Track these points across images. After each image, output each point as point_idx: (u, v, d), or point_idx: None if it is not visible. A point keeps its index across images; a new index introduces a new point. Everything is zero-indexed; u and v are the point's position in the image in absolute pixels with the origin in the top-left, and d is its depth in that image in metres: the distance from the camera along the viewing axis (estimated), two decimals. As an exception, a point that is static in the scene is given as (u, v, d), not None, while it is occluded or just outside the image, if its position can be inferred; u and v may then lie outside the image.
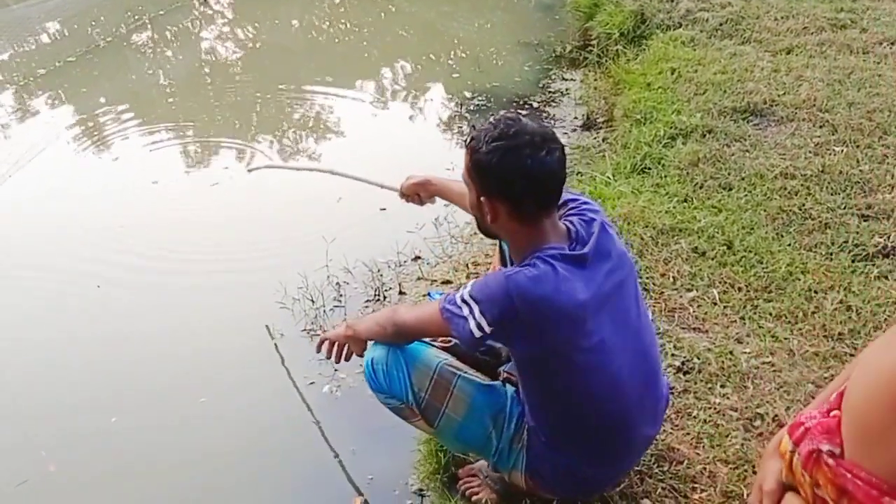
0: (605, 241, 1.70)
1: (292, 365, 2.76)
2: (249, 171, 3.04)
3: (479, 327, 1.61)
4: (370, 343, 1.92)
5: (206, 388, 2.70)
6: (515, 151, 1.59)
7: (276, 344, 2.88)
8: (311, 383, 2.68)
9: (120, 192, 4.03)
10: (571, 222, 1.71)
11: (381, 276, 3.17)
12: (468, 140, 1.68)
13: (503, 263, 2.06)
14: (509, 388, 1.90)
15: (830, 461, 0.98)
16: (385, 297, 3.06)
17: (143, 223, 3.70)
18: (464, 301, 1.64)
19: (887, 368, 0.94)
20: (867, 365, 1.01)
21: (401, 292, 3.09)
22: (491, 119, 1.68)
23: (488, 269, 2.37)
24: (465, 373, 1.88)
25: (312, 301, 3.02)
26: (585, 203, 1.77)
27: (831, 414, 1.03)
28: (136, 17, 6.58)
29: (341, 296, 3.09)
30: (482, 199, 1.67)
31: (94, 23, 6.62)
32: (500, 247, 2.10)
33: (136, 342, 2.92)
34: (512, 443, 1.84)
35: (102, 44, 6.04)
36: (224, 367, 2.80)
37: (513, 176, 1.60)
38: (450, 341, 1.97)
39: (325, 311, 3.00)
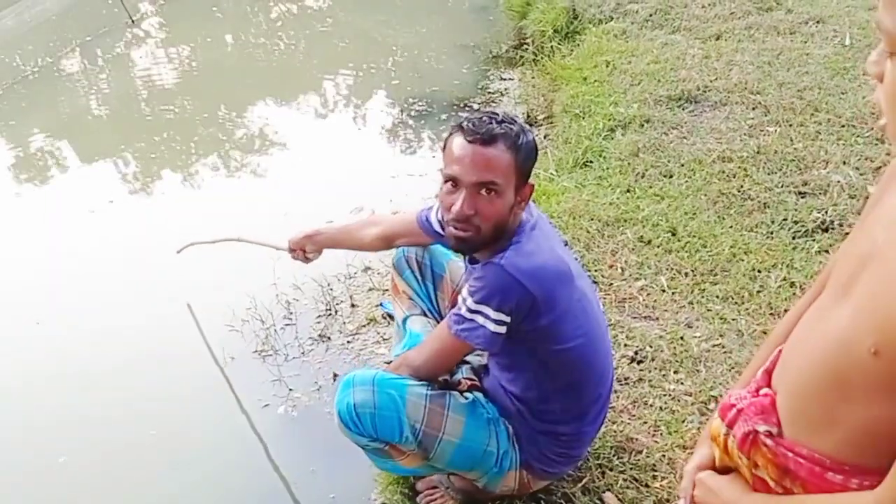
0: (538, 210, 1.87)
1: (246, 387, 2.70)
2: (178, 252, 3.02)
3: (500, 322, 1.68)
4: (340, 387, 1.81)
5: (156, 420, 2.62)
6: None
7: (205, 337, 2.93)
8: (266, 405, 2.63)
9: (56, 223, 3.91)
10: None
11: (332, 289, 3.13)
12: (511, 138, 1.66)
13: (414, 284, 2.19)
14: (479, 395, 1.91)
15: (769, 441, 0.97)
16: (336, 311, 3.02)
17: (81, 254, 3.59)
18: (473, 312, 1.68)
19: (820, 346, 0.93)
20: (798, 342, 1.00)
21: (352, 305, 3.06)
22: (484, 115, 1.70)
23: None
24: (451, 394, 1.87)
25: (262, 321, 2.97)
26: None
27: (761, 392, 1.02)
28: (65, 45, 6.42)
29: (291, 313, 3.04)
30: (525, 186, 1.72)
31: (20, 53, 6.45)
32: (399, 272, 2.20)
33: (80, 378, 2.83)
34: (508, 442, 1.87)
35: (31, 75, 5.88)
36: (174, 396, 2.73)
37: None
38: None
39: (275, 330, 2.95)
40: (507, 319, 1.67)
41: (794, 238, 2.90)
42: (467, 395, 1.91)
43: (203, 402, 2.72)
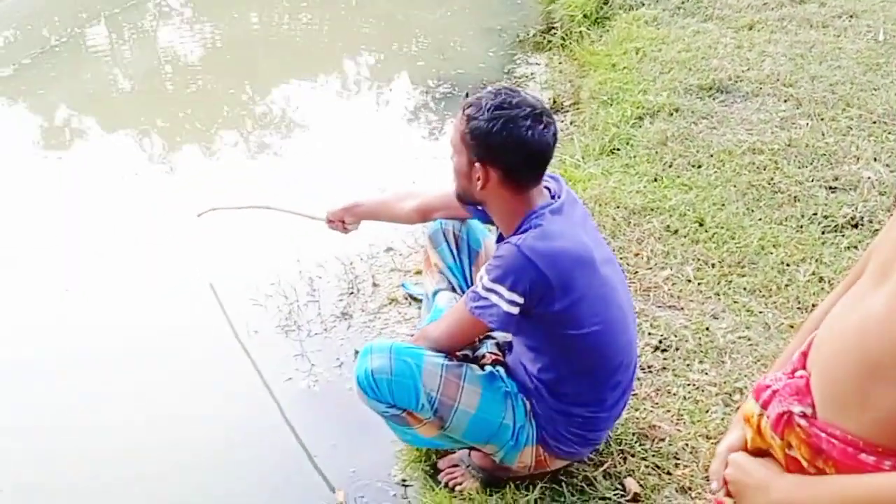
0: (570, 191, 1.85)
1: (269, 362, 2.72)
2: (199, 215, 2.97)
3: (513, 303, 1.68)
4: (359, 356, 1.88)
5: (178, 391, 2.64)
6: (516, 122, 1.67)
7: (223, 307, 2.95)
8: (289, 379, 2.64)
9: (82, 193, 3.92)
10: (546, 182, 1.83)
11: (354, 268, 3.13)
12: (466, 106, 1.74)
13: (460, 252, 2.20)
14: (500, 370, 1.92)
15: (803, 422, 0.97)
16: (359, 290, 3.03)
17: (105, 226, 3.60)
18: (487, 290, 1.70)
19: (856, 329, 0.93)
20: (834, 325, 1.00)
21: (374, 284, 3.06)
22: (490, 88, 1.76)
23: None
24: (468, 365, 1.89)
25: (286, 297, 2.98)
26: None
27: (797, 374, 1.03)
28: (92, 16, 6.43)
29: (315, 290, 3.04)
30: (476, 164, 1.73)
31: (47, 24, 6.47)
32: (434, 245, 2.22)
33: (103, 350, 2.83)
34: (525, 418, 1.87)
35: (57, 45, 5.89)
36: (197, 369, 2.75)
37: (512, 145, 1.68)
38: None
39: (298, 306, 2.96)
40: (521, 301, 1.68)
41: (823, 233, 2.87)
42: (487, 367, 1.92)
43: (226, 374, 2.73)
